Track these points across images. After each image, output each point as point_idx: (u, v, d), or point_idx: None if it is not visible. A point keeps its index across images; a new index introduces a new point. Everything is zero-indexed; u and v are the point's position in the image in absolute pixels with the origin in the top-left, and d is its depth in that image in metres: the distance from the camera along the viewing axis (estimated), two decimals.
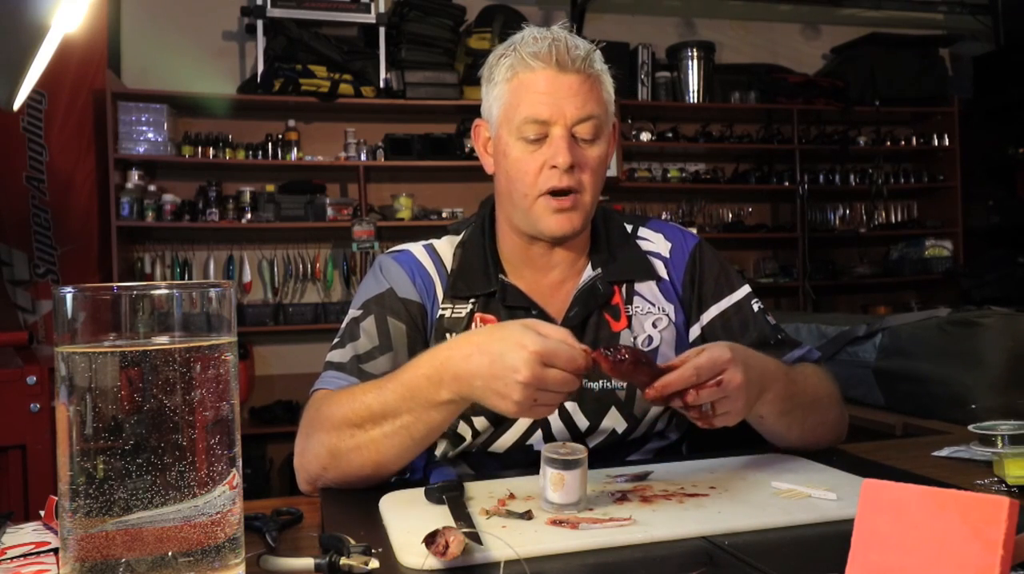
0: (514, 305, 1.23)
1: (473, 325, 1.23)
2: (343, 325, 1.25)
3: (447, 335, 1.22)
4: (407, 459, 1.09)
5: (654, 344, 1.26)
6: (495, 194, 1.30)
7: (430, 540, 0.78)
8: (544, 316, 1.22)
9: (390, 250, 1.32)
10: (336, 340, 1.23)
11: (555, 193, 1.17)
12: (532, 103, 1.16)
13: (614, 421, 1.23)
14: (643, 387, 0.98)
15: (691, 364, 0.97)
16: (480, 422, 1.21)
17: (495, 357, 0.94)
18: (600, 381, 1.23)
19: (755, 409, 1.10)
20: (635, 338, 1.25)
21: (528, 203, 1.19)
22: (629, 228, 1.35)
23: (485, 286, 1.25)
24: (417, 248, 1.30)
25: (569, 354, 0.93)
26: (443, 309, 1.25)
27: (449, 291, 1.25)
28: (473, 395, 0.98)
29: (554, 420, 1.22)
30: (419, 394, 1.02)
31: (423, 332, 1.24)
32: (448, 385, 1.00)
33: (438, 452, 1.26)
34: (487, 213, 1.33)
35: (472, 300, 1.25)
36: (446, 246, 1.30)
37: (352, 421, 1.06)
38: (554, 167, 1.16)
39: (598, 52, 1.20)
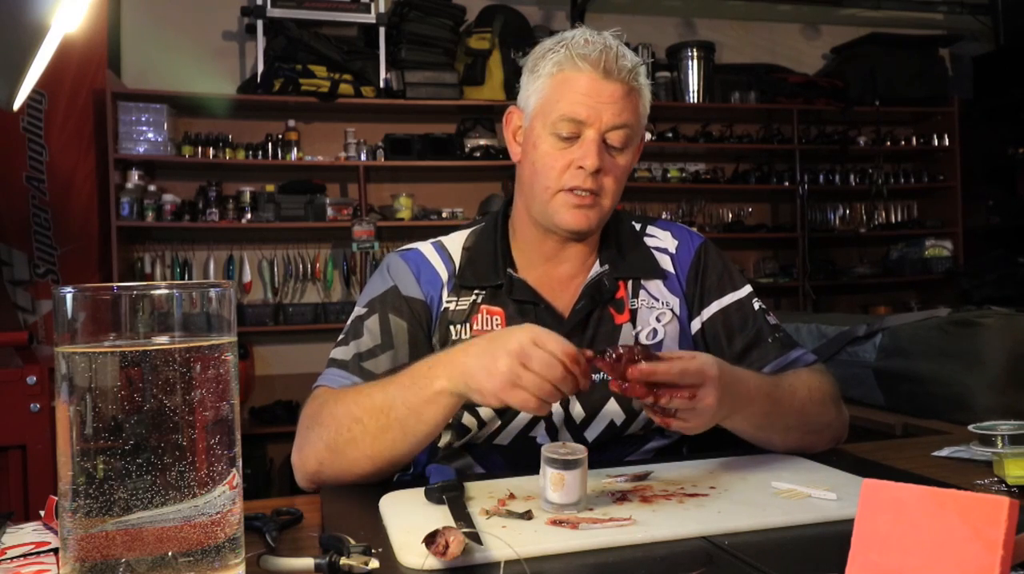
0: (521, 299, 1.26)
1: (478, 315, 1.26)
2: (348, 323, 1.28)
3: (450, 327, 1.25)
4: (401, 456, 1.10)
5: (658, 337, 1.28)
6: (516, 183, 1.32)
7: (430, 540, 0.78)
8: (551, 310, 1.25)
9: (399, 248, 1.35)
10: (340, 337, 1.26)
11: (576, 190, 1.20)
12: (572, 102, 1.18)
13: (612, 412, 1.25)
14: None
15: (679, 364, 0.98)
16: (486, 412, 1.22)
17: (493, 338, 1.01)
18: (599, 373, 1.23)
19: (727, 423, 1.12)
20: (639, 331, 1.27)
21: (548, 196, 1.22)
22: (637, 227, 1.38)
23: (492, 278, 1.27)
24: (426, 246, 1.33)
25: (559, 340, 0.98)
26: (448, 302, 1.27)
27: (457, 283, 1.28)
28: (464, 376, 1.01)
29: (555, 408, 1.23)
30: (416, 383, 1.05)
31: (426, 329, 1.26)
32: (443, 368, 1.03)
33: (442, 443, 1.27)
34: (500, 210, 1.36)
35: (477, 291, 1.27)
36: (456, 241, 1.33)
37: (354, 415, 1.09)
38: (580, 168, 1.18)
39: (644, 67, 1.23)
